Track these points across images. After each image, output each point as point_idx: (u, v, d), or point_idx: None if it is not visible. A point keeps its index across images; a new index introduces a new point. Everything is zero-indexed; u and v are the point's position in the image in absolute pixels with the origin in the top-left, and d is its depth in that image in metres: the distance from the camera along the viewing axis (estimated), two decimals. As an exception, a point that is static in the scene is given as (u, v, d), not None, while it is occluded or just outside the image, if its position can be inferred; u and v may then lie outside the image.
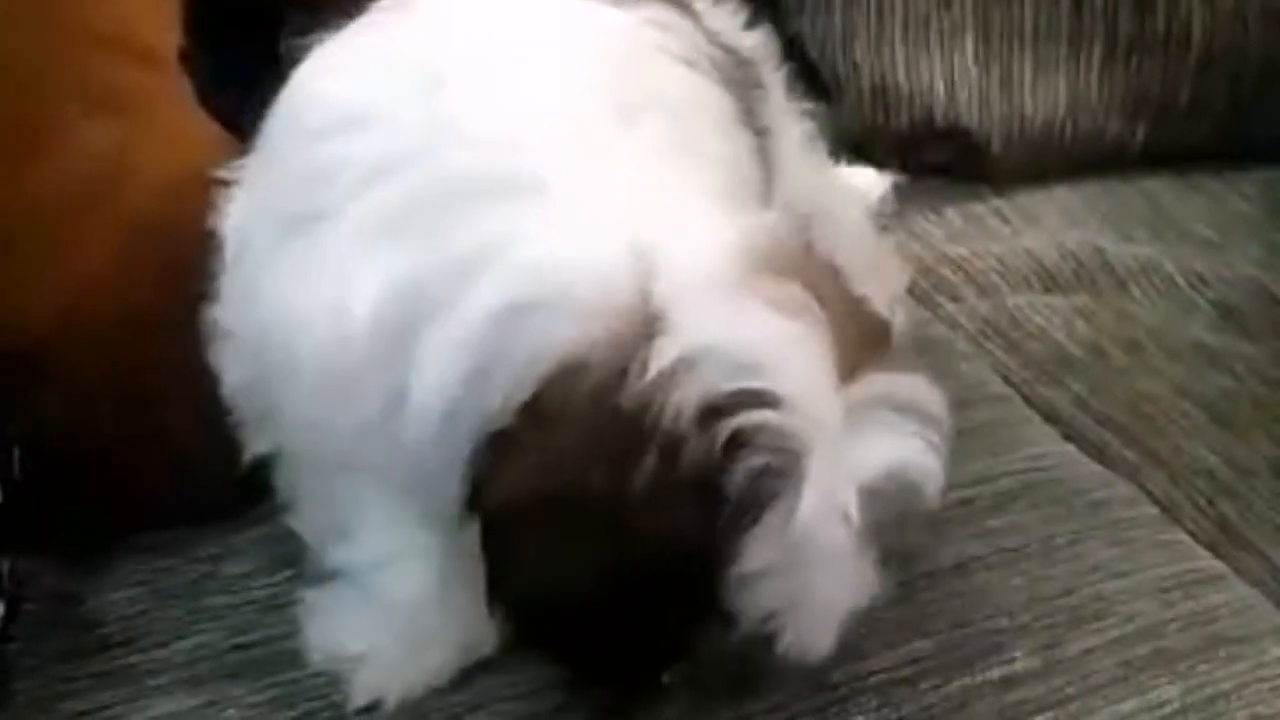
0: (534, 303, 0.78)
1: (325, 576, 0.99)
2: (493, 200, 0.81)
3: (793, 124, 1.18)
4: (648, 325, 0.76)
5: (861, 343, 0.78)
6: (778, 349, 0.75)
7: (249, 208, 0.91)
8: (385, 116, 0.85)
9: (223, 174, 0.93)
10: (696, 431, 0.74)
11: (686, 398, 0.74)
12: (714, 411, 0.74)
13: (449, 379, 0.80)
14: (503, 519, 0.79)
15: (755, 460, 0.74)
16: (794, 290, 0.77)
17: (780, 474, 0.74)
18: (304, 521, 0.98)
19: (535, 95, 0.86)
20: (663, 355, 0.75)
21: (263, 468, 0.95)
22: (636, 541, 0.75)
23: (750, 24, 1.13)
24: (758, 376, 0.74)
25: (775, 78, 1.15)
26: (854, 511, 0.75)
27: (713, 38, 1.02)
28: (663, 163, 0.84)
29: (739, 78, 1.03)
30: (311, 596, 0.99)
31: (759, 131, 1.03)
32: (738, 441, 0.74)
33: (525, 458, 0.77)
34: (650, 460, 0.74)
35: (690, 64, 0.95)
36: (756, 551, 0.75)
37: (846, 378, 0.76)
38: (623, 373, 0.75)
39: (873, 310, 0.83)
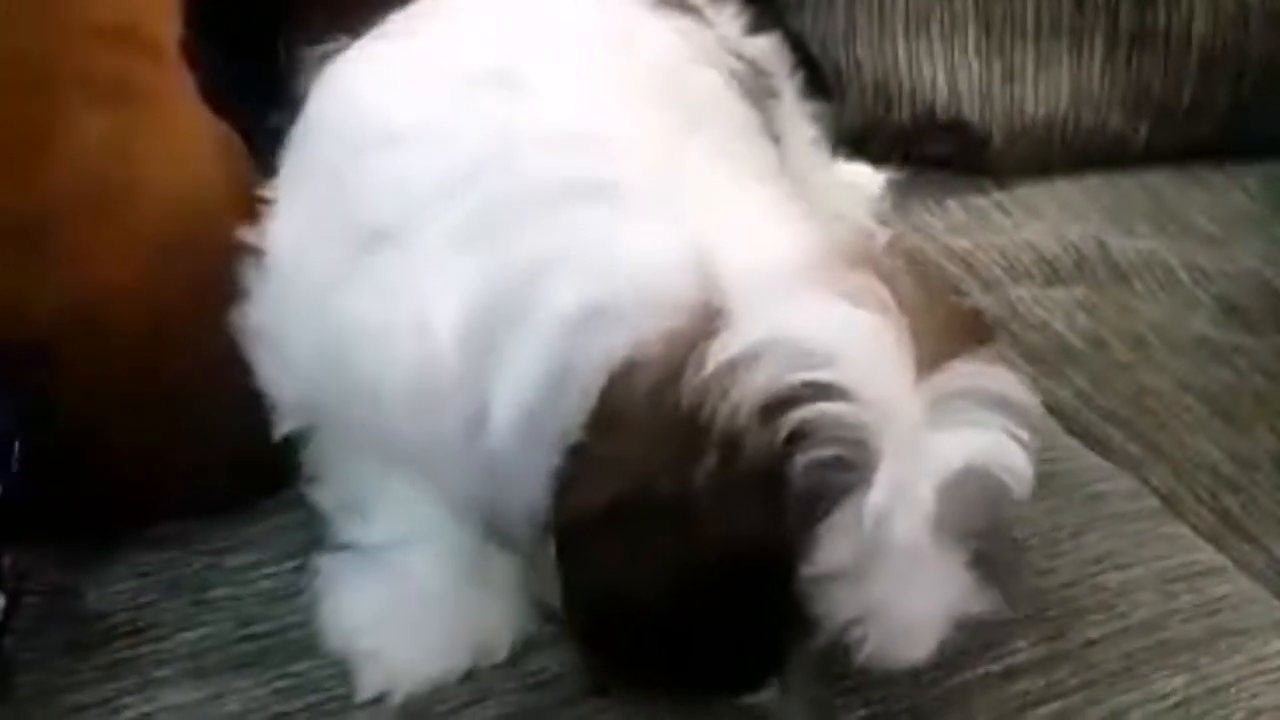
0: (602, 306, 0.77)
1: (343, 558, 0.99)
2: (562, 204, 0.80)
3: (804, 130, 1.18)
4: (709, 321, 0.74)
5: (945, 334, 0.76)
6: (847, 340, 0.73)
7: (302, 221, 0.89)
8: (446, 127, 0.84)
9: (263, 192, 0.92)
10: (757, 426, 0.72)
11: (746, 392, 0.72)
12: (776, 405, 0.72)
13: (526, 390, 0.79)
14: (573, 530, 0.77)
15: (821, 453, 0.71)
16: (866, 280, 0.75)
17: (849, 467, 0.72)
18: (329, 497, 0.98)
19: (594, 99, 0.85)
20: (723, 350, 0.73)
21: (274, 458, 0.95)
22: (704, 543, 0.73)
23: (755, 27, 1.13)
24: (824, 368, 0.72)
25: (787, 84, 1.15)
26: (932, 508, 0.73)
27: (728, 46, 1.02)
28: (726, 167, 0.84)
29: (756, 87, 1.03)
30: (327, 568, 0.99)
31: (773, 140, 1.03)
32: (801, 434, 0.71)
33: (594, 466, 0.76)
34: (710, 458, 0.72)
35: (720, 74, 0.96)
36: (828, 550, 0.72)
37: (926, 370, 0.74)
38: (680, 371, 0.73)
39: (962, 302, 0.82)
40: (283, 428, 0.94)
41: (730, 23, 1.09)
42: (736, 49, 1.03)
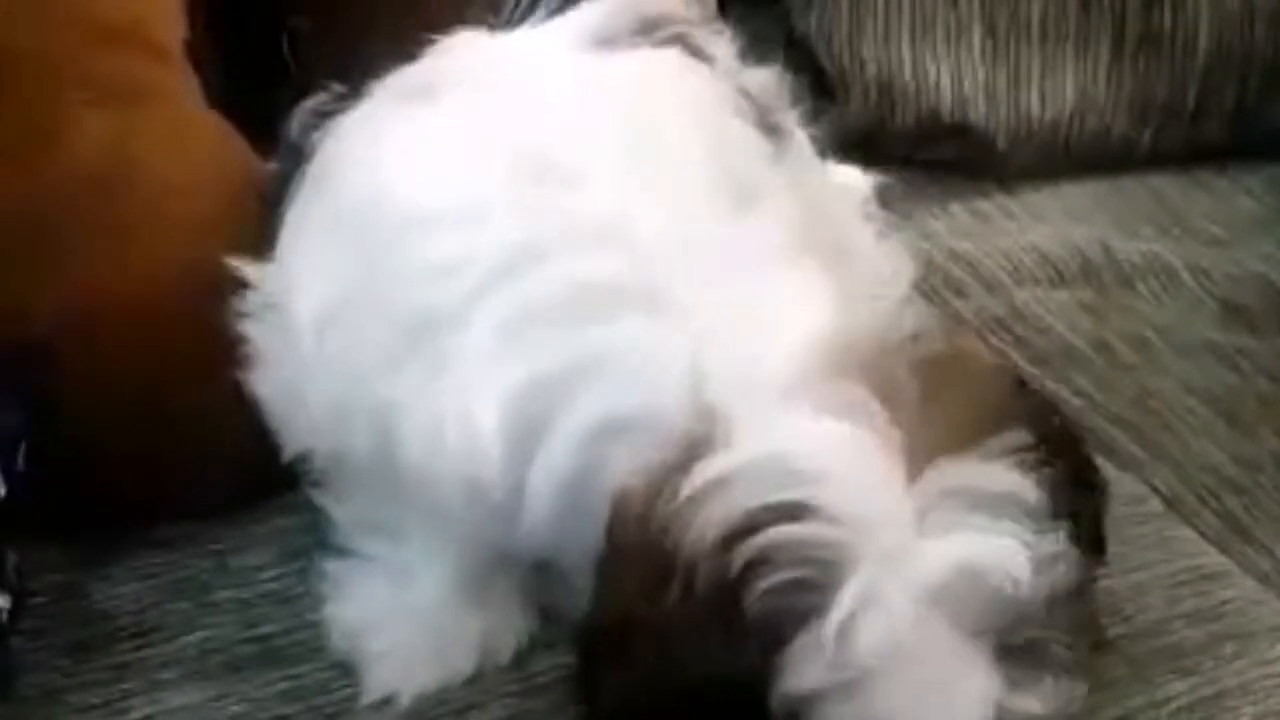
0: (618, 422, 0.79)
1: (348, 562, 0.99)
2: (595, 309, 0.81)
3: (811, 166, 1.17)
4: (694, 448, 0.75)
5: (951, 432, 0.74)
6: (823, 456, 0.73)
7: (331, 292, 0.88)
8: (485, 214, 0.84)
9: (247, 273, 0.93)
10: (716, 553, 0.72)
11: (710, 520, 0.72)
12: (736, 532, 0.72)
13: (558, 491, 0.81)
14: (584, 646, 0.80)
15: (781, 577, 0.71)
16: (854, 391, 0.75)
17: (814, 588, 0.71)
18: (336, 500, 0.98)
19: (633, 186, 0.84)
20: (699, 477, 0.74)
21: (277, 459, 0.96)
22: (677, 670, 0.74)
23: (762, 34, 1.11)
24: (794, 488, 0.72)
25: (789, 117, 1.08)
26: (917, 616, 0.71)
27: (733, 82, 1.00)
28: (774, 256, 0.84)
29: (760, 124, 0.99)
30: (332, 571, 0.99)
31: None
32: (761, 560, 0.71)
33: (604, 586, 0.78)
34: (675, 587, 0.73)
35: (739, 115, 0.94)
36: (797, 674, 0.71)
37: (917, 475, 0.73)
38: (659, 498, 0.75)
39: (992, 382, 0.80)
40: (289, 453, 0.94)
41: (728, 54, 1.04)
42: (741, 86, 1.00)
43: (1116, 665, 1.02)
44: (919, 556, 0.71)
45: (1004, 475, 0.74)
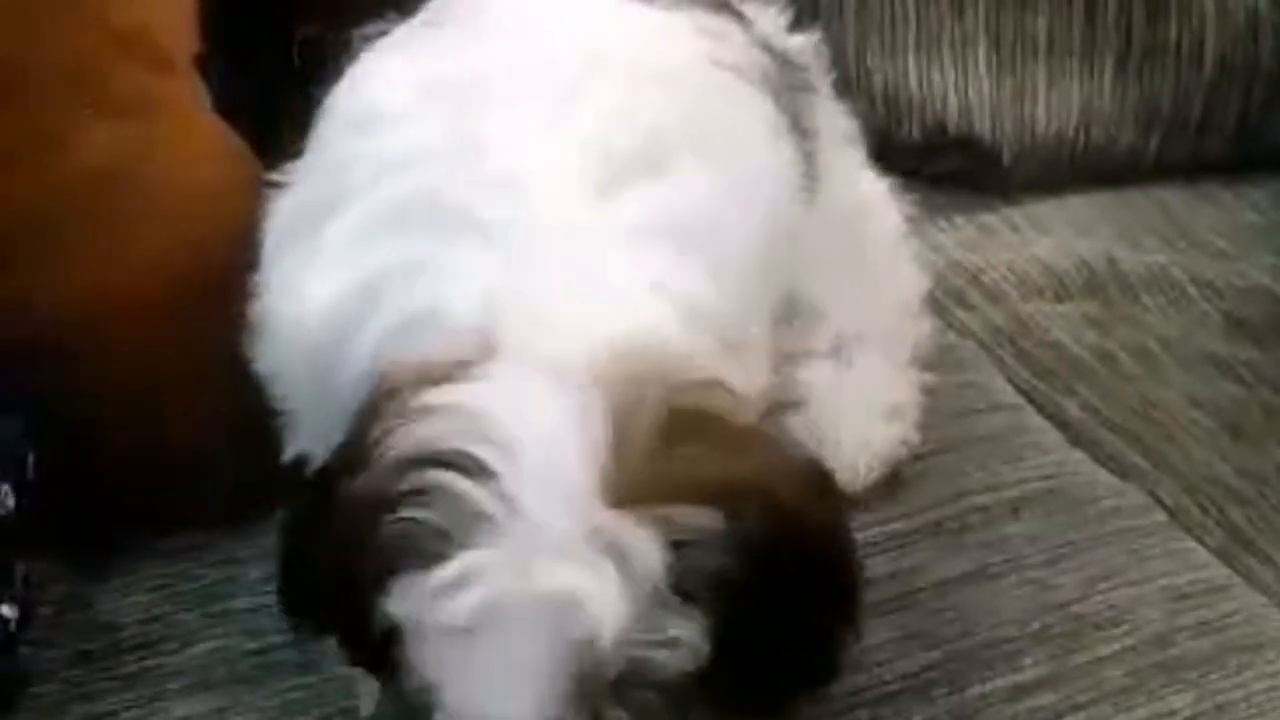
0: (411, 328, 0.81)
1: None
2: (446, 229, 0.82)
3: (838, 126, 1.18)
4: (448, 369, 0.77)
5: (650, 477, 0.74)
6: (528, 438, 0.73)
7: (293, 202, 0.91)
8: (414, 119, 0.87)
9: (273, 176, 0.93)
10: (395, 470, 0.74)
11: (409, 437, 0.74)
12: (417, 460, 0.74)
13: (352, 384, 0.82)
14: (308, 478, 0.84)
15: (420, 514, 0.73)
16: (598, 398, 0.75)
17: (443, 539, 0.73)
18: None
19: (545, 136, 0.86)
20: (426, 396, 0.75)
21: (282, 472, 0.95)
22: (330, 549, 0.78)
23: (795, 27, 1.14)
24: (484, 448, 0.73)
25: (823, 80, 1.14)
26: (512, 609, 0.72)
27: (762, 42, 1.02)
28: (628, 245, 0.83)
29: (788, 83, 1.03)
30: None
31: (806, 134, 1.02)
32: (416, 492, 0.73)
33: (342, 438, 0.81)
34: (363, 478, 0.76)
35: (739, 73, 0.95)
36: (401, 601, 0.74)
37: (594, 496, 0.73)
38: (394, 396, 0.77)
39: (722, 465, 0.76)
40: (289, 449, 0.94)
41: (772, 21, 1.10)
42: (771, 45, 1.03)
43: (1119, 678, 1.02)
44: (541, 568, 0.72)
45: (636, 533, 0.73)
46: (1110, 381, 1.37)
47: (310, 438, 0.90)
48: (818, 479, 0.82)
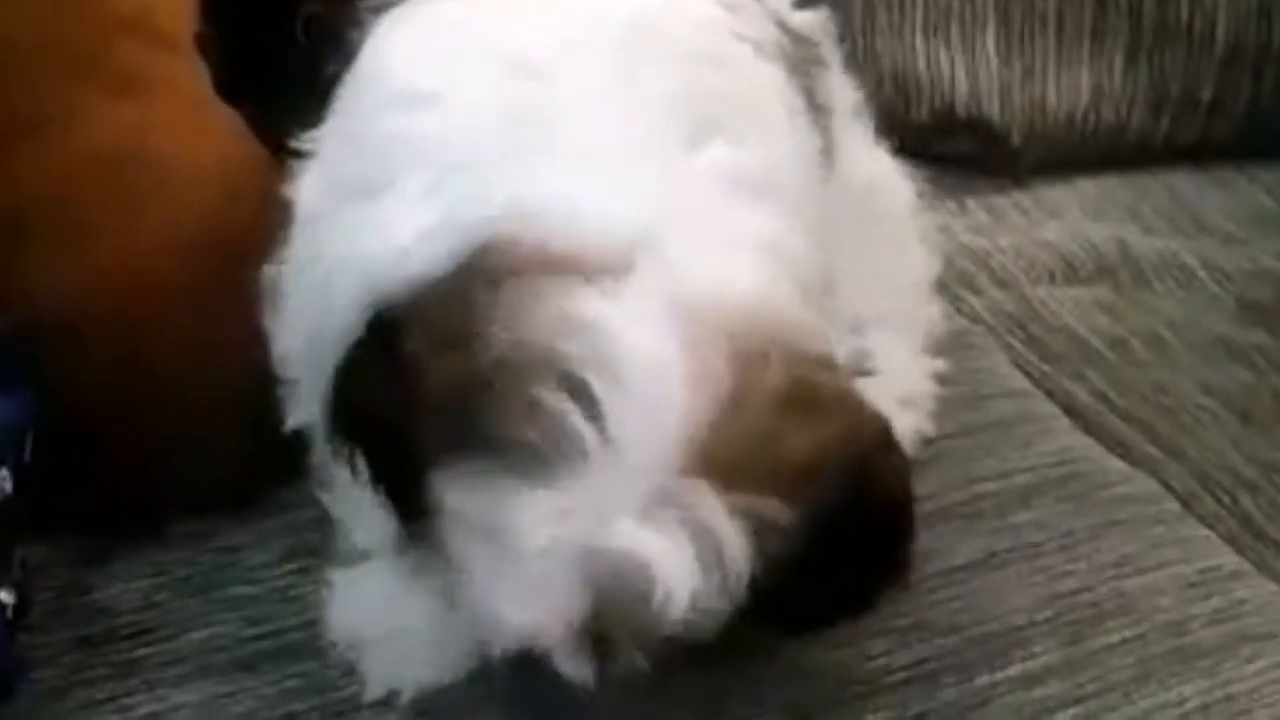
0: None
1: (351, 559, 0.98)
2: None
3: (847, 99, 1.18)
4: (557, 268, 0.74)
5: (745, 449, 0.73)
6: (635, 364, 0.71)
7: (321, 177, 0.89)
8: (451, 98, 0.84)
9: (298, 145, 0.92)
10: (486, 368, 0.72)
11: (518, 318, 0.72)
12: (513, 366, 0.72)
13: None
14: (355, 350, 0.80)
15: (485, 404, 0.72)
16: (716, 358, 0.73)
17: (522, 448, 0.71)
18: (338, 499, 0.97)
19: (600, 119, 0.83)
20: (528, 295, 0.73)
21: (287, 453, 0.95)
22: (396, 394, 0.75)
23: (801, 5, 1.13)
24: (590, 368, 0.71)
25: (833, 55, 1.13)
26: (551, 558, 0.71)
27: (775, 17, 1.02)
28: (732, 199, 0.82)
29: (803, 56, 1.02)
30: (336, 578, 0.98)
31: (819, 109, 1.01)
32: (513, 395, 0.71)
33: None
34: (439, 350, 0.74)
35: (758, 48, 0.94)
36: (452, 487, 0.73)
37: (708, 463, 0.71)
38: (506, 278, 0.74)
39: (822, 442, 0.75)
40: (293, 417, 0.93)
41: None
42: (782, 20, 1.02)
43: (1130, 666, 1.02)
44: (619, 527, 0.71)
45: (722, 518, 0.72)
46: (1120, 367, 1.37)
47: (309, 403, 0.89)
48: (897, 450, 0.82)
